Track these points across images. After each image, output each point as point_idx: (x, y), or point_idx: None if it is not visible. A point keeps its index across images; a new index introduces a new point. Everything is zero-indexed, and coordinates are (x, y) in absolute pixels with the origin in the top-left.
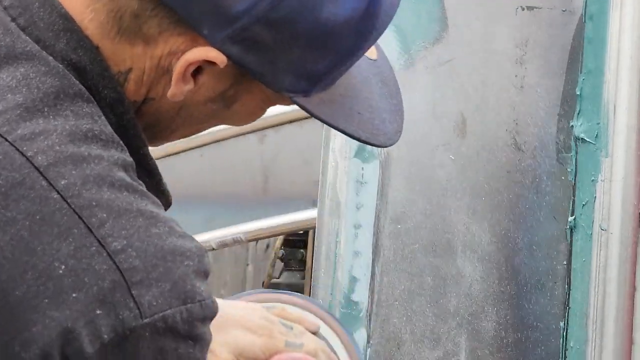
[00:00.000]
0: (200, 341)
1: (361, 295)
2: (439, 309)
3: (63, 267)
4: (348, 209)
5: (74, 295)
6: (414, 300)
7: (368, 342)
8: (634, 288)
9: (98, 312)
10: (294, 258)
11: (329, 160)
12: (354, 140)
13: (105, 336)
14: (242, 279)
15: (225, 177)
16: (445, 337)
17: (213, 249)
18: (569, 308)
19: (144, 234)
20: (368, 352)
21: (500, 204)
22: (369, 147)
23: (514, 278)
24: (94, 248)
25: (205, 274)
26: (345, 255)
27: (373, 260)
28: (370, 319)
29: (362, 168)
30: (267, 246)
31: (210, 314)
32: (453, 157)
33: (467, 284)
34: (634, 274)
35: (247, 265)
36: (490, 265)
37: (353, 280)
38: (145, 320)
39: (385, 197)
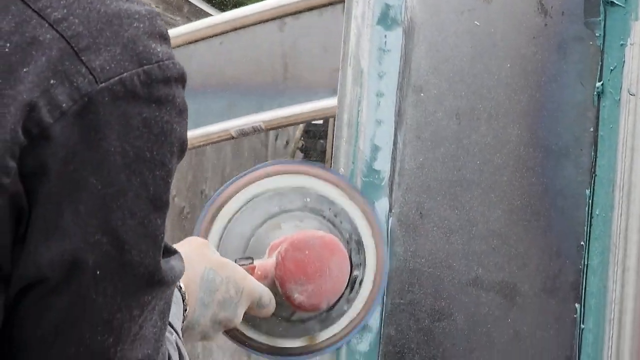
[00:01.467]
0: (166, 103)
1: (383, 163)
2: (460, 177)
3: (8, 45)
4: (370, 77)
5: (24, 70)
6: (436, 169)
7: (390, 210)
8: None
9: (52, 81)
10: (314, 149)
11: (350, 28)
12: (376, 7)
13: (64, 105)
14: None
15: (245, 65)
16: (468, 206)
17: (233, 137)
18: (595, 175)
19: (85, 1)
20: (390, 221)
21: (525, 70)
22: (391, 13)
23: (539, 145)
24: (34, 21)
25: (160, 36)
26: (368, 124)
27: (395, 129)
28: (392, 188)
29: (385, 35)
30: (287, 142)
31: (172, 74)
32: (478, 23)
33: (490, 152)
34: None
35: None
36: (514, 132)
37: (375, 148)
38: (102, 85)
39: (409, 65)
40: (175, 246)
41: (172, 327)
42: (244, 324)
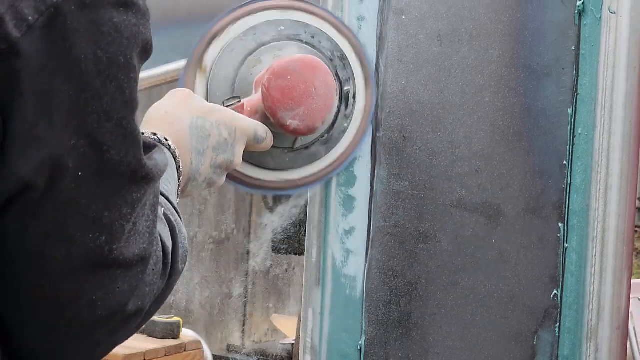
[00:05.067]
0: (132, 6)
1: None
2: (443, 99)
3: None
4: (351, 1)
5: None
6: (419, 92)
7: (374, 133)
8: None
9: None
10: None
11: None
12: None
13: (30, 18)
14: None
15: None
16: (451, 128)
17: None
18: (577, 94)
19: None
20: (376, 147)
21: None
22: None
23: (521, 65)
24: None
25: None
26: None
27: (377, 53)
28: (375, 112)
29: None
30: None
31: None
32: None
33: (472, 73)
34: None
35: None
36: (496, 53)
37: None
38: None
39: None
40: (159, 104)
41: (162, 195)
42: (250, 166)
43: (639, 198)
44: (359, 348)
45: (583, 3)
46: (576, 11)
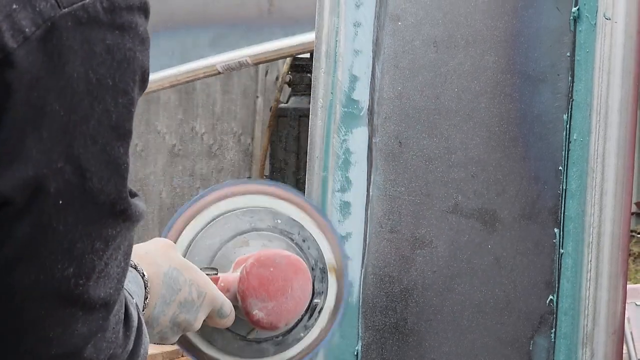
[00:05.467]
0: (129, 30)
1: (362, 93)
2: (439, 105)
3: None
4: (348, 7)
5: None
6: (415, 98)
7: (369, 139)
8: (638, 78)
9: (14, 6)
10: (301, 82)
11: None
12: None
13: (27, 30)
14: (252, 111)
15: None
16: (447, 134)
17: (219, 72)
18: (573, 100)
19: None
20: (372, 152)
21: None
22: None
23: (516, 71)
24: None
25: None
26: (345, 54)
27: (373, 58)
28: (371, 117)
29: None
30: (277, 78)
31: (135, 3)
32: None
33: (468, 79)
34: (639, 63)
35: (257, 97)
36: (492, 59)
37: (353, 78)
38: (64, 10)
39: None
40: (141, 245)
41: (136, 302)
42: (200, 337)
43: (634, 203)
44: (355, 354)
45: (578, 9)
46: (571, 18)
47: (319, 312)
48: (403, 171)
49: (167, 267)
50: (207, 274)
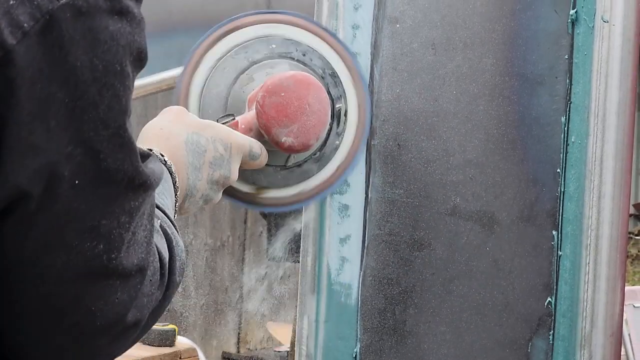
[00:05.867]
0: (127, 14)
1: None
2: (437, 107)
3: None
4: (346, 10)
5: None
6: (413, 100)
7: (368, 141)
8: (636, 81)
9: (12, 2)
10: None
11: None
12: None
13: (25, 25)
14: None
15: (228, 1)
16: (445, 136)
17: None
18: (571, 102)
19: None
20: (371, 154)
21: None
22: None
23: (514, 73)
24: None
25: None
26: None
27: (372, 61)
28: (370, 120)
29: None
30: None
31: None
32: None
33: (466, 81)
34: (637, 66)
35: None
36: (490, 61)
37: None
38: (62, 2)
39: None
40: (153, 121)
41: (158, 208)
42: (243, 183)
43: (632, 205)
44: (354, 356)
45: (576, 12)
46: (569, 20)
47: (345, 115)
48: (401, 173)
49: (185, 134)
50: (225, 122)
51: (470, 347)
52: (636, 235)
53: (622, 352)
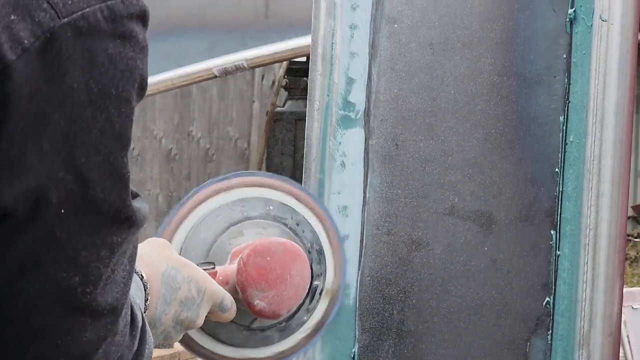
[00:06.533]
0: (130, 39)
1: (358, 95)
2: (435, 107)
3: None
4: (344, 10)
5: None
6: (411, 100)
7: (366, 142)
8: (634, 80)
9: (13, 17)
10: (297, 87)
11: None
12: None
13: (26, 41)
14: (248, 115)
15: (226, 3)
16: (443, 136)
17: (215, 76)
18: (569, 102)
19: None
20: (369, 154)
21: None
22: None
23: (512, 73)
24: None
25: None
26: (342, 57)
27: (369, 61)
28: (367, 120)
29: None
30: (273, 82)
31: (135, 11)
32: None
33: (464, 81)
34: (635, 66)
35: (253, 102)
36: (488, 61)
37: (350, 81)
38: (64, 20)
39: None
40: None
41: (138, 303)
42: (203, 333)
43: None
44: (352, 356)
45: (574, 11)
46: (567, 19)
47: (320, 293)
48: (399, 173)
49: (164, 266)
50: (204, 269)
51: (468, 347)
52: (635, 237)
53: (621, 354)
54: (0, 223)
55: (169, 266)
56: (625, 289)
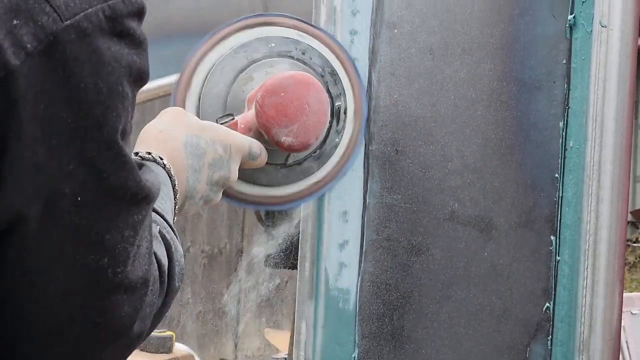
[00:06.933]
0: (127, 36)
1: None
2: (435, 113)
3: None
4: (344, 15)
5: None
6: (411, 105)
7: (366, 147)
8: (634, 86)
9: (15, 22)
10: None
11: None
12: None
13: (29, 45)
14: None
15: (226, 7)
16: (443, 141)
17: None
18: (569, 107)
19: None
20: (369, 159)
21: (498, 4)
22: None
23: (512, 78)
24: None
25: None
26: None
27: (370, 66)
28: (367, 125)
29: None
30: None
31: (134, 9)
32: None
33: (464, 87)
34: (634, 71)
35: None
36: (488, 66)
37: None
38: (67, 23)
39: (382, 2)
40: (152, 123)
41: (157, 213)
42: (243, 182)
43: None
44: None
45: (574, 17)
46: (567, 25)
47: (345, 112)
48: (399, 179)
49: (184, 136)
50: (224, 122)
51: (468, 352)
52: (634, 242)
53: (620, 359)
54: (17, 225)
55: (189, 134)
56: (624, 295)
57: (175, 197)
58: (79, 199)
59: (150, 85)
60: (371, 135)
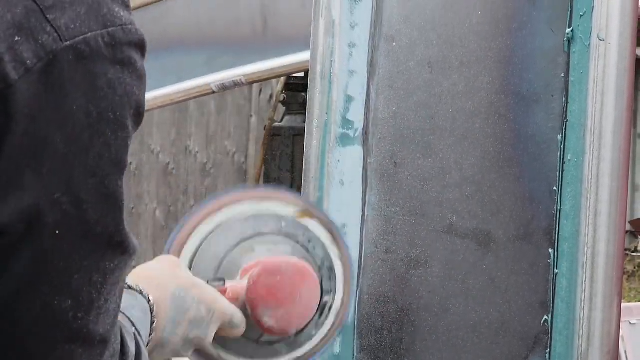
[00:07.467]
0: (129, 66)
1: (357, 114)
2: (433, 125)
3: None
4: (342, 28)
5: None
6: (409, 118)
7: (364, 160)
8: (632, 99)
9: (17, 38)
10: (295, 102)
11: None
12: None
13: (29, 62)
14: (246, 129)
15: (224, 19)
16: (442, 154)
17: (213, 91)
18: (567, 121)
19: None
20: (367, 172)
21: (496, 17)
22: None
23: (510, 92)
24: None
25: (123, 1)
26: (340, 75)
27: (368, 79)
28: (366, 138)
29: None
30: (271, 97)
31: (135, 39)
32: None
33: (462, 100)
34: (632, 85)
35: (251, 116)
36: (486, 80)
37: (348, 99)
38: (66, 44)
39: (380, 15)
40: (146, 265)
41: (136, 329)
42: (213, 344)
43: (628, 222)
44: None
45: (572, 31)
46: (565, 39)
47: (329, 309)
48: (398, 191)
49: (174, 287)
50: (214, 285)
51: None
52: (632, 252)
53: None
54: None
55: (179, 287)
56: (622, 305)
57: (149, 335)
58: (57, 232)
59: (148, 95)
60: (370, 148)
